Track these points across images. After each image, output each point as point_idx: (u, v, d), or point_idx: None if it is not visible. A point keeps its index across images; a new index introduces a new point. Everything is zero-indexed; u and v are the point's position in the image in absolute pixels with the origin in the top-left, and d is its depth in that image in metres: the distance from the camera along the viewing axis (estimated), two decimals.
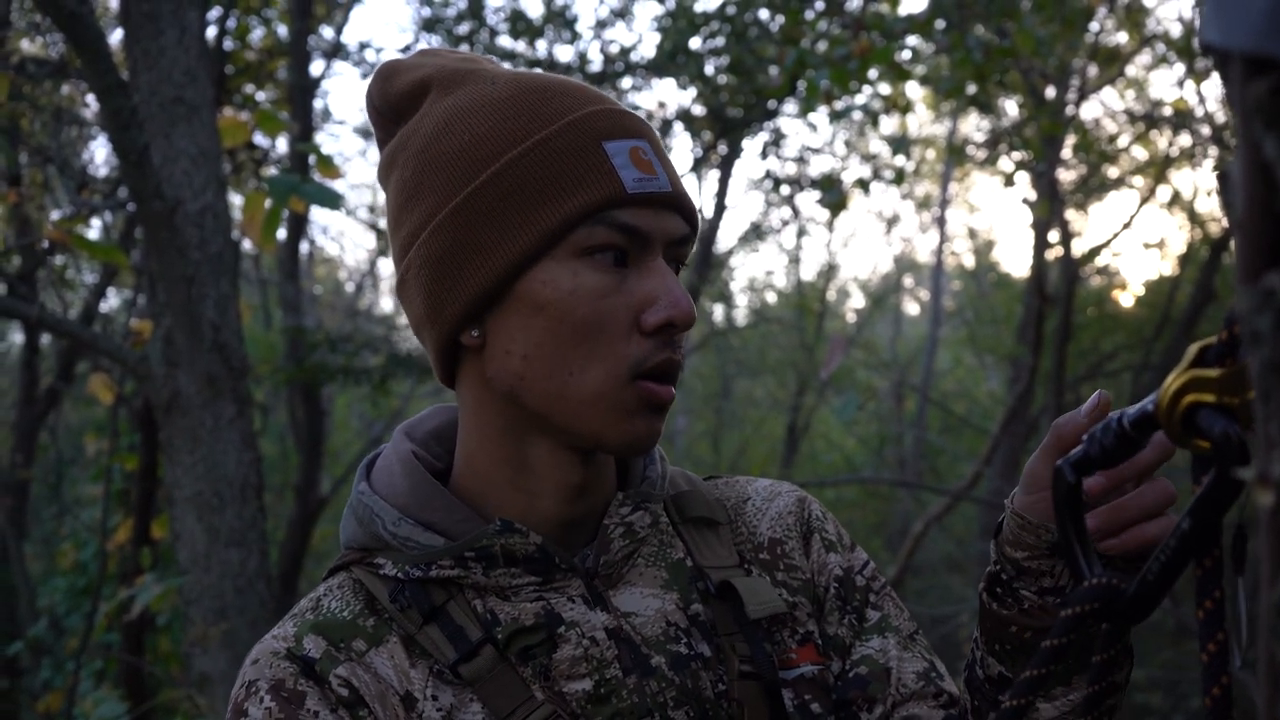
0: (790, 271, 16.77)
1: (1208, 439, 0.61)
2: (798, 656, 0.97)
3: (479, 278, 0.88)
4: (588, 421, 0.89)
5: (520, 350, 0.89)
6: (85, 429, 8.05)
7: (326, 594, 0.94)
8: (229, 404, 3.27)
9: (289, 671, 0.87)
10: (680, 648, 0.93)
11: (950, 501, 8.20)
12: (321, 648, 0.88)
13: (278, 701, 0.85)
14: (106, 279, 6.93)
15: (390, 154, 0.96)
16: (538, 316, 0.87)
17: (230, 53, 6.74)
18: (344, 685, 0.87)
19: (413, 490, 0.94)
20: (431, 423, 1.04)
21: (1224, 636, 0.61)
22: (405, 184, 0.93)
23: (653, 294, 0.88)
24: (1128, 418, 0.72)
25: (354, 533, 0.96)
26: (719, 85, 7.86)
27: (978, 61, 5.30)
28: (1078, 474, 0.76)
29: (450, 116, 0.92)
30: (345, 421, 14.47)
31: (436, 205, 0.90)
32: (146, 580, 3.91)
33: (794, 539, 1.04)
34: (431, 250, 0.90)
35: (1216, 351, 0.63)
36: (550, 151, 0.88)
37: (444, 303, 0.90)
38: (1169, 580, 0.67)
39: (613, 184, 0.88)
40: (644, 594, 0.95)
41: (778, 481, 1.10)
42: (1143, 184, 10.10)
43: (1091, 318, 10.95)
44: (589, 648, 0.90)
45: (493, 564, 0.90)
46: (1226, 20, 0.35)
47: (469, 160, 0.89)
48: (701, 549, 1.00)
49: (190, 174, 3.28)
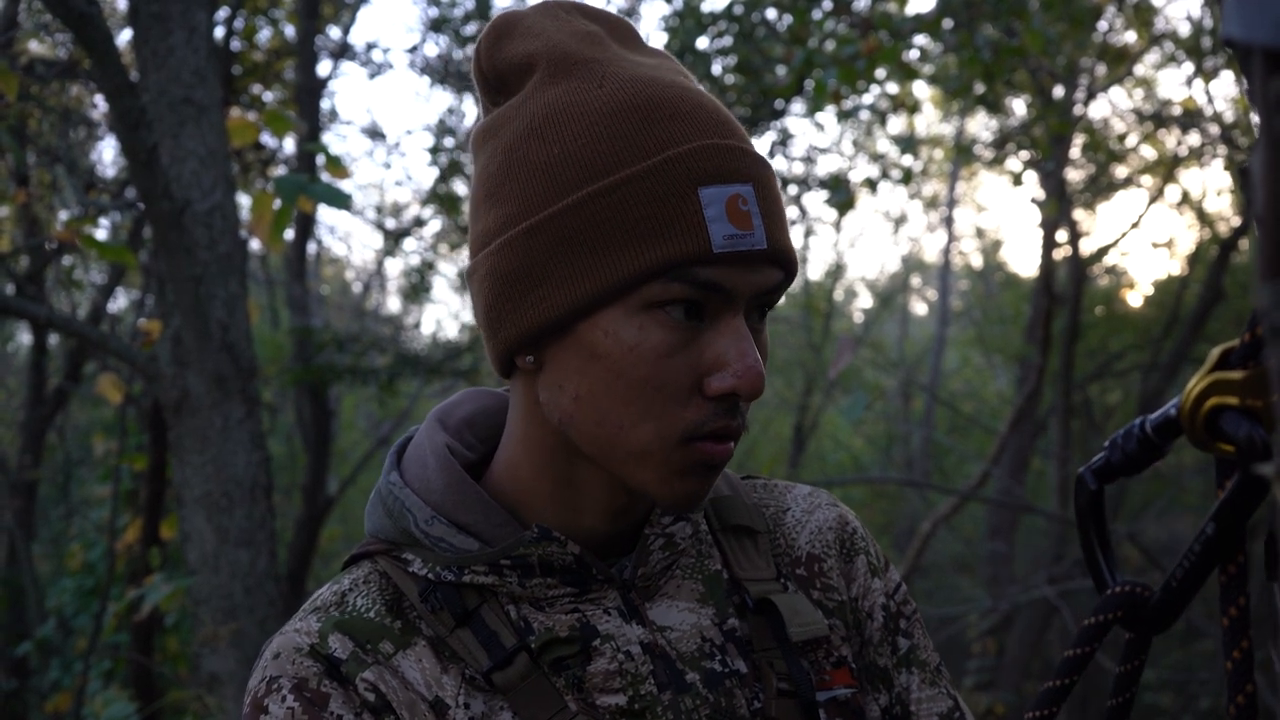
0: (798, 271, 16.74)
1: (1231, 442, 0.61)
2: (832, 679, 0.94)
3: (540, 310, 0.83)
4: (635, 474, 0.85)
5: (573, 391, 0.84)
6: (94, 429, 8.07)
7: (352, 589, 0.90)
8: (238, 404, 3.27)
9: (313, 670, 0.84)
10: (715, 664, 0.90)
11: (958, 501, 8.18)
12: (348, 649, 0.85)
13: (301, 702, 0.82)
14: (115, 279, 6.94)
15: (482, 133, 0.90)
16: (594, 364, 0.82)
17: (238, 53, 6.75)
18: (371, 690, 0.83)
19: (447, 488, 0.90)
20: (465, 408, 1.00)
21: (1248, 644, 0.60)
22: (489, 177, 0.87)
23: (723, 358, 0.82)
24: (1150, 423, 0.70)
25: (383, 525, 0.92)
26: (726, 85, 7.85)
27: (986, 61, 5.30)
28: (1099, 481, 0.75)
29: (547, 116, 0.84)
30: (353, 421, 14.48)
31: (514, 216, 0.84)
32: (155, 580, 3.92)
33: (832, 557, 1.00)
34: (500, 264, 0.84)
35: (1239, 354, 0.62)
36: (639, 191, 0.80)
37: (503, 322, 0.85)
38: (1193, 587, 0.66)
39: (699, 240, 0.80)
40: (680, 608, 0.92)
41: (815, 490, 1.06)
42: (1151, 183, 10.07)
43: (1100, 317, 10.93)
44: (624, 662, 0.87)
45: (529, 573, 0.87)
46: (1248, 15, 0.35)
47: (555, 178, 0.82)
48: (740, 560, 0.96)
49: (198, 174, 3.28)
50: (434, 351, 9.27)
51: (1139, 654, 0.72)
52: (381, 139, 10.22)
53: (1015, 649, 8.44)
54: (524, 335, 0.84)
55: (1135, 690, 0.72)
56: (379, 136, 10.18)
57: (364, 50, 8.40)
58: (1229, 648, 0.60)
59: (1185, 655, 8.71)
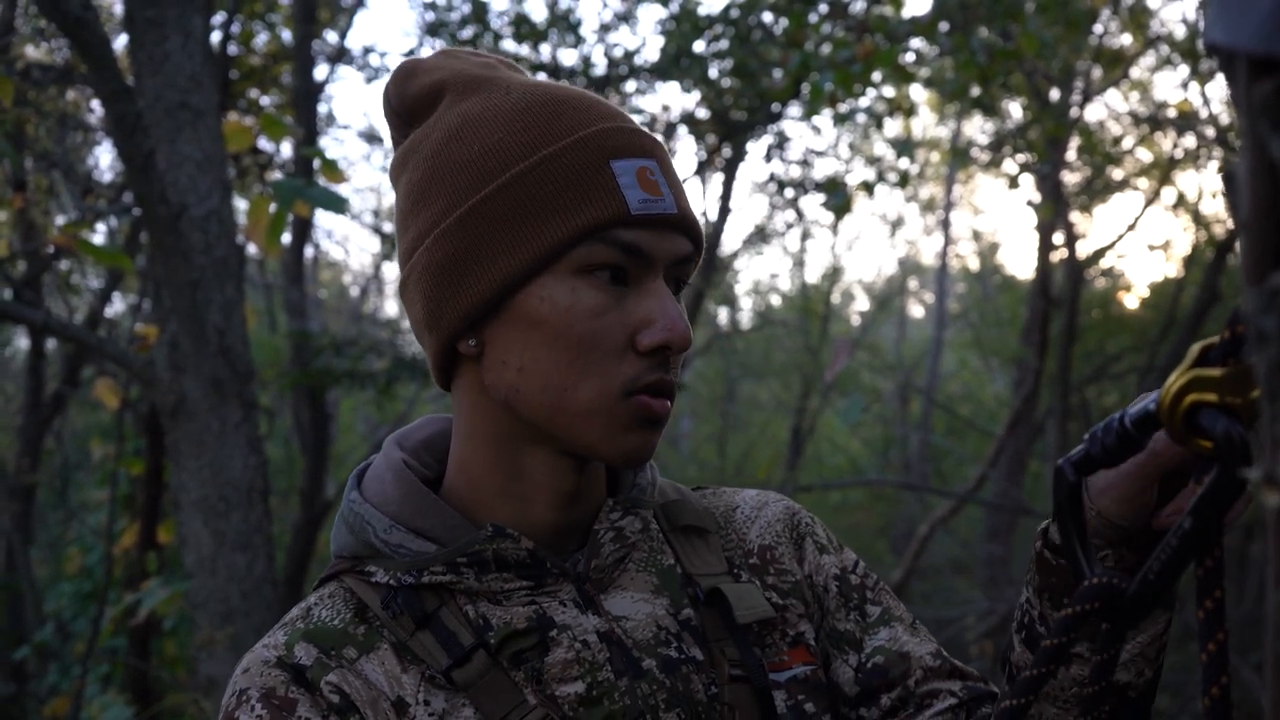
0: (795, 274, 16.78)
1: (1209, 439, 0.62)
2: (790, 658, 0.98)
3: (478, 288, 0.89)
4: (583, 434, 0.90)
5: (516, 363, 0.90)
6: (91, 434, 8.07)
7: (318, 603, 0.94)
8: (234, 408, 3.28)
9: (280, 679, 0.87)
10: (671, 651, 0.93)
11: (956, 504, 8.20)
12: (313, 655, 0.89)
13: (269, 709, 0.85)
14: (112, 284, 6.95)
15: (402, 156, 0.97)
16: (534, 331, 0.88)
17: (235, 58, 6.75)
18: (335, 692, 0.87)
19: (404, 498, 0.95)
20: (422, 433, 1.05)
21: (1224, 636, 0.61)
22: (414, 187, 0.93)
23: (650, 315, 0.89)
24: (1129, 417, 0.72)
25: (345, 541, 0.96)
26: (723, 88, 7.86)
27: (982, 64, 5.31)
28: (1079, 473, 0.76)
29: (463, 123, 0.92)
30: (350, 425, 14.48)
31: (443, 212, 0.91)
32: (153, 584, 3.92)
33: (784, 544, 1.06)
34: (434, 257, 0.91)
35: (1219, 351, 0.63)
36: (557, 167, 0.88)
37: (443, 310, 0.91)
38: (1170, 580, 0.67)
39: (617, 204, 0.88)
40: (635, 598, 0.95)
41: (764, 491, 1.12)
42: (1147, 186, 10.08)
43: (1096, 320, 10.94)
44: (580, 650, 0.90)
45: (484, 569, 0.91)
46: (1231, 21, 0.35)
47: (478, 169, 0.90)
48: (691, 557, 1.01)
49: (195, 179, 3.29)
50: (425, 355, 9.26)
51: (1115, 645, 0.73)
52: (378, 143, 10.23)
53: None
54: (465, 317, 0.90)
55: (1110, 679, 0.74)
56: (376, 140, 10.20)
57: (361, 54, 8.40)
58: (1204, 640, 0.61)
59: (1182, 657, 8.71)
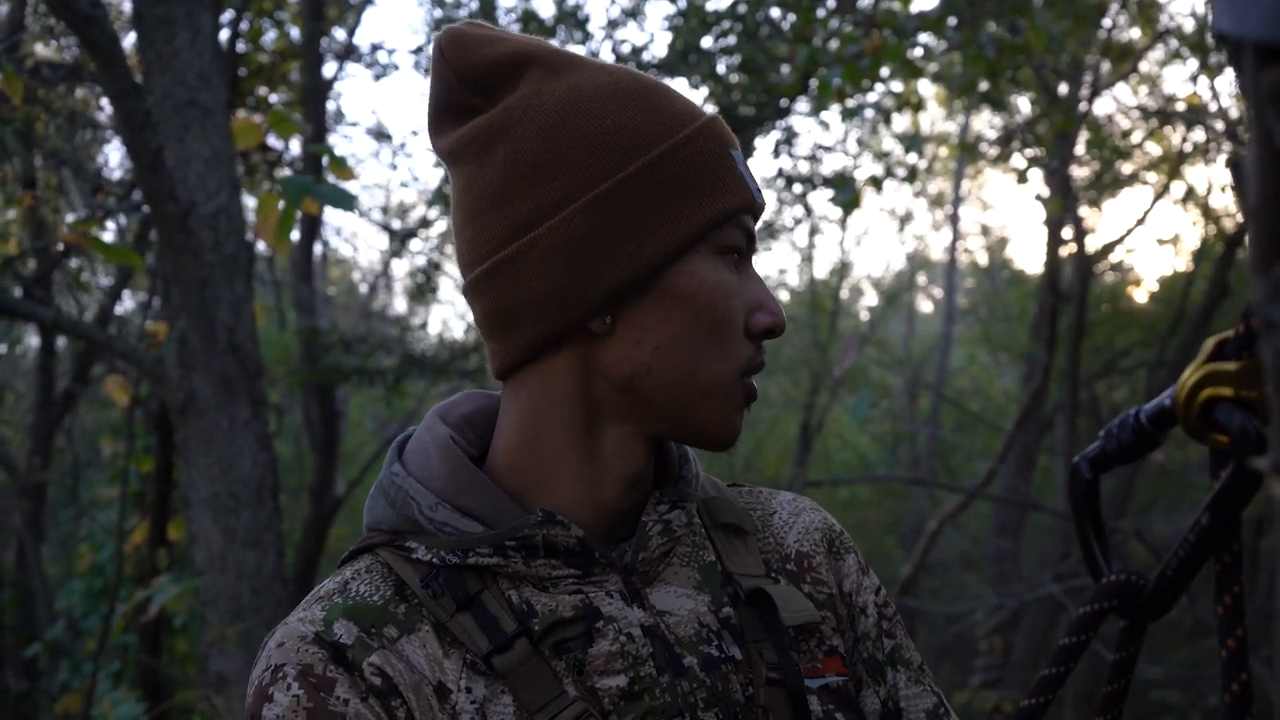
0: (803, 270, 16.73)
1: (1226, 433, 0.61)
2: (824, 667, 0.97)
3: (629, 264, 0.89)
4: (700, 412, 0.92)
5: (653, 341, 0.90)
6: (101, 431, 8.09)
7: (355, 578, 0.91)
8: (244, 405, 3.28)
9: (318, 657, 0.85)
10: (711, 649, 0.92)
11: (965, 499, 8.18)
12: (354, 634, 0.86)
13: (306, 689, 0.83)
14: (122, 281, 6.96)
15: (496, 125, 0.92)
16: (678, 308, 0.90)
17: (243, 55, 6.76)
18: (377, 674, 0.85)
19: (451, 475, 0.93)
20: (465, 407, 1.02)
21: (1243, 632, 0.60)
22: (526, 159, 0.90)
23: (759, 299, 0.93)
24: (1145, 413, 0.70)
25: (384, 515, 0.93)
26: (731, 84, 7.85)
27: (990, 58, 5.29)
28: (1095, 471, 0.75)
29: (580, 98, 0.91)
30: (360, 423, 14.49)
31: (576, 186, 0.89)
32: (163, 581, 3.93)
33: (821, 554, 1.05)
34: (573, 232, 0.88)
35: (1234, 345, 0.62)
36: (698, 150, 0.91)
37: (584, 286, 0.89)
38: (1188, 576, 0.66)
39: (745, 191, 0.92)
40: (678, 593, 0.94)
41: (798, 496, 1.11)
42: (1156, 180, 10.06)
43: (1106, 314, 10.91)
44: (625, 644, 0.89)
45: (533, 554, 0.89)
46: (1239, 10, 0.35)
47: (616, 147, 0.89)
48: (731, 555, 0.99)
49: (204, 176, 3.29)
50: (440, 352, 9.28)
51: (1133, 642, 0.72)
52: (387, 140, 10.23)
53: (1022, 647, 8.43)
54: (612, 292, 0.89)
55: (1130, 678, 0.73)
56: (384, 137, 10.20)
57: (369, 52, 8.40)
58: (1223, 636, 0.61)
59: (1193, 652, 8.69)
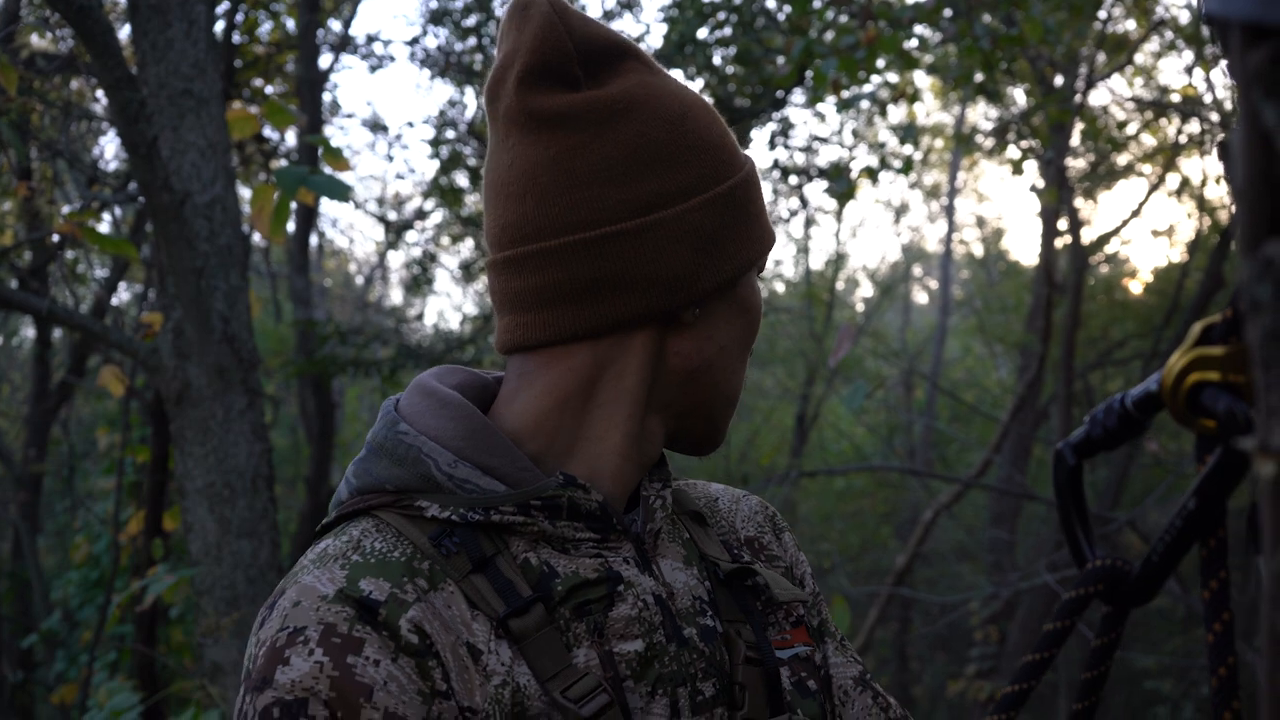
0: (799, 261, 16.74)
1: (1212, 417, 0.61)
2: (792, 637, 1.02)
3: (733, 264, 0.95)
4: (718, 417, 0.99)
5: (722, 340, 0.96)
6: (97, 422, 8.08)
7: (365, 535, 0.88)
8: (239, 395, 3.28)
9: (343, 616, 0.80)
10: (707, 620, 0.95)
11: (960, 490, 8.20)
12: (385, 589, 0.83)
13: (331, 653, 0.78)
14: (117, 272, 6.95)
15: (619, 104, 0.93)
16: (741, 316, 0.97)
17: (239, 46, 6.75)
18: (414, 631, 0.81)
19: (471, 434, 0.91)
20: (454, 378, 1.00)
21: (1229, 617, 0.60)
22: (654, 143, 0.93)
23: None
24: (1130, 398, 0.70)
25: (388, 474, 0.90)
26: (727, 75, 7.84)
27: (985, 50, 5.29)
28: (1079, 456, 0.75)
29: (694, 104, 0.97)
30: (356, 414, 14.49)
31: (702, 181, 0.94)
32: (159, 572, 3.93)
33: (768, 534, 1.12)
34: (705, 222, 0.93)
35: (1221, 330, 0.62)
36: (756, 181, 0.99)
37: (699, 275, 0.93)
38: (1173, 561, 0.66)
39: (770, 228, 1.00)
40: (673, 566, 0.97)
41: (727, 487, 1.16)
42: (1151, 171, 10.06)
43: (1101, 305, 10.93)
44: (642, 610, 0.90)
45: (557, 514, 0.90)
46: None
47: (723, 157, 0.96)
48: (701, 539, 1.03)
49: (199, 167, 3.29)
50: (436, 343, 9.28)
51: (1115, 628, 0.72)
52: (383, 131, 10.22)
53: (1017, 636, 8.46)
54: (718, 285, 0.94)
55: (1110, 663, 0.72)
56: (380, 129, 10.19)
57: (365, 43, 8.40)
58: (1210, 621, 0.61)
59: (1186, 641, 8.72)
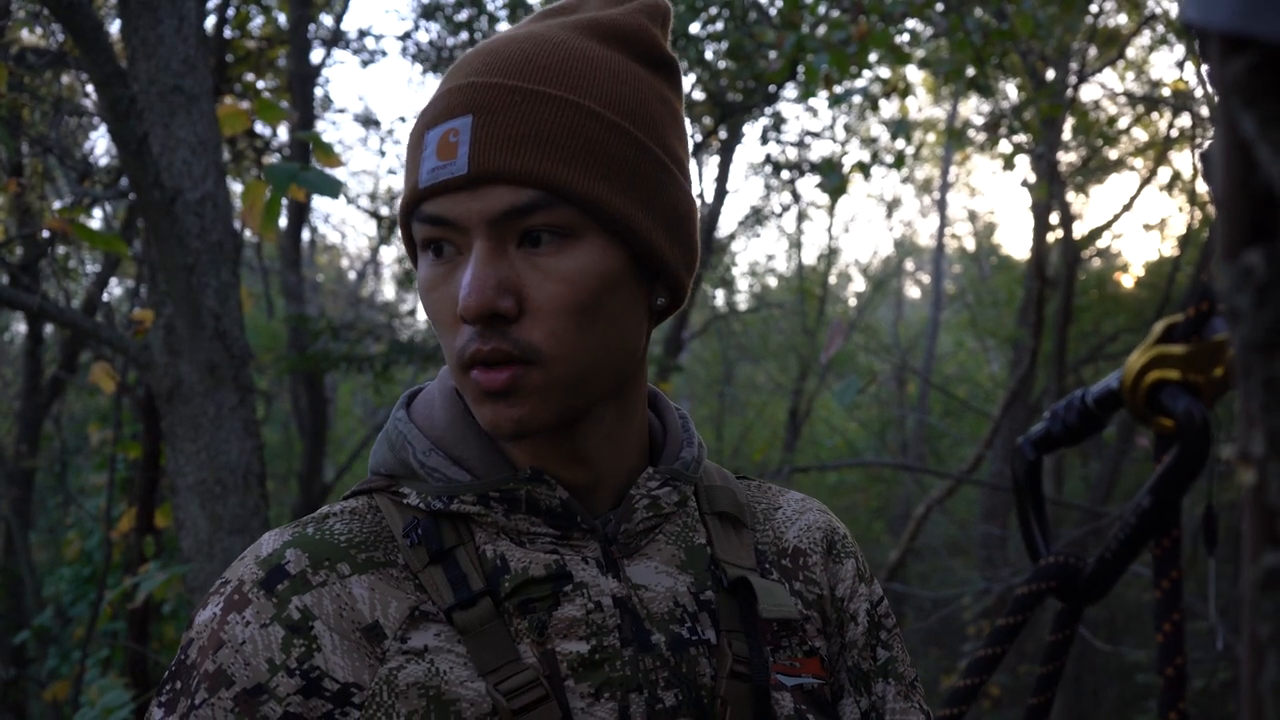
0: (791, 256, 16.78)
1: (1171, 417, 0.61)
2: (801, 666, 0.96)
3: None
4: None
5: None
6: (89, 418, 8.09)
7: (337, 515, 0.92)
8: (231, 392, 3.29)
9: (253, 576, 0.87)
10: (683, 630, 0.91)
11: (952, 485, 8.22)
12: (302, 565, 0.87)
13: (223, 606, 0.85)
14: (108, 269, 6.94)
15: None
16: None
17: (230, 41, 6.73)
18: (300, 610, 0.85)
19: (450, 424, 0.94)
20: None
21: (1180, 616, 0.60)
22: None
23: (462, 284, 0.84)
24: (1091, 395, 0.70)
25: (385, 458, 0.95)
26: (719, 70, 7.85)
27: (977, 44, 5.30)
28: (1038, 452, 0.75)
29: None
30: (348, 409, 14.49)
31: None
32: (150, 568, 3.94)
33: (818, 554, 1.03)
34: None
35: (1183, 328, 0.62)
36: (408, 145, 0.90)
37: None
38: (1127, 559, 0.66)
39: (413, 180, 0.86)
40: (658, 569, 0.93)
41: (809, 498, 1.10)
42: (1143, 166, 10.09)
43: (1092, 300, 10.94)
44: (592, 611, 0.89)
45: (514, 508, 0.90)
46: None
47: None
48: (722, 542, 0.98)
49: (190, 163, 3.29)
50: (429, 338, 9.28)
51: (1070, 624, 0.72)
52: (375, 126, 10.22)
53: None
54: None
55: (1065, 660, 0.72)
56: (372, 124, 10.19)
57: (356, 38, 8.39)
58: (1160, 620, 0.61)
59: None
